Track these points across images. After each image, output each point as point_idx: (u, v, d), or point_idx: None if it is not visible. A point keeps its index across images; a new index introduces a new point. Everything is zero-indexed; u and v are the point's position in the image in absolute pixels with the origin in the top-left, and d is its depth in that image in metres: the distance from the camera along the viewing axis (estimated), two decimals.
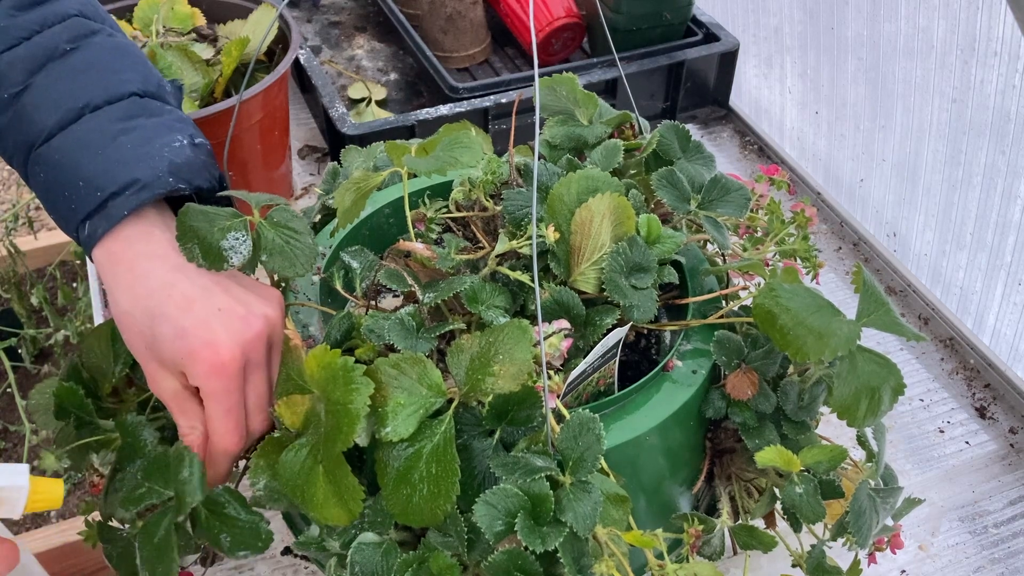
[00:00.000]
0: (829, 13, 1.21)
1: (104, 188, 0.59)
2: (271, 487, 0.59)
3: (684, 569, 0.55)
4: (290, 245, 0.62)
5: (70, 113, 0.61)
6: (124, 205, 0.58)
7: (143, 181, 0.59)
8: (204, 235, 0.59)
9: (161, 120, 0.63)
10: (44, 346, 0.92)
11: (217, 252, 0.59)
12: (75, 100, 0.61)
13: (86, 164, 0.59)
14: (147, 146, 0.61)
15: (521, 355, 0.54)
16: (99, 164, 0.59)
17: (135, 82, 0.64)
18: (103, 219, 0.59)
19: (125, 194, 0.59)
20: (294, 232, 0.63)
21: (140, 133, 0.61)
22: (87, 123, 0.61)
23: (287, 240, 0.62)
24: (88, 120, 0.61)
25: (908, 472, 0.92)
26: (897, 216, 1.17)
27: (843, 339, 0.57)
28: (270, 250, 0.61)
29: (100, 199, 0.59)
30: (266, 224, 0.62)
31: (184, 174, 0.61)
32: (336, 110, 1.20)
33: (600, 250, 0.64)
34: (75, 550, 0.74)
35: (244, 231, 0.61)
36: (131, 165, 0.59)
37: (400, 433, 0.53)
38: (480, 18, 1.43)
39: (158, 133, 0.62)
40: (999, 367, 1.01)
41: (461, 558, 0.55)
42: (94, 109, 0.61)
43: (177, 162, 0.61)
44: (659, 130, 0.73)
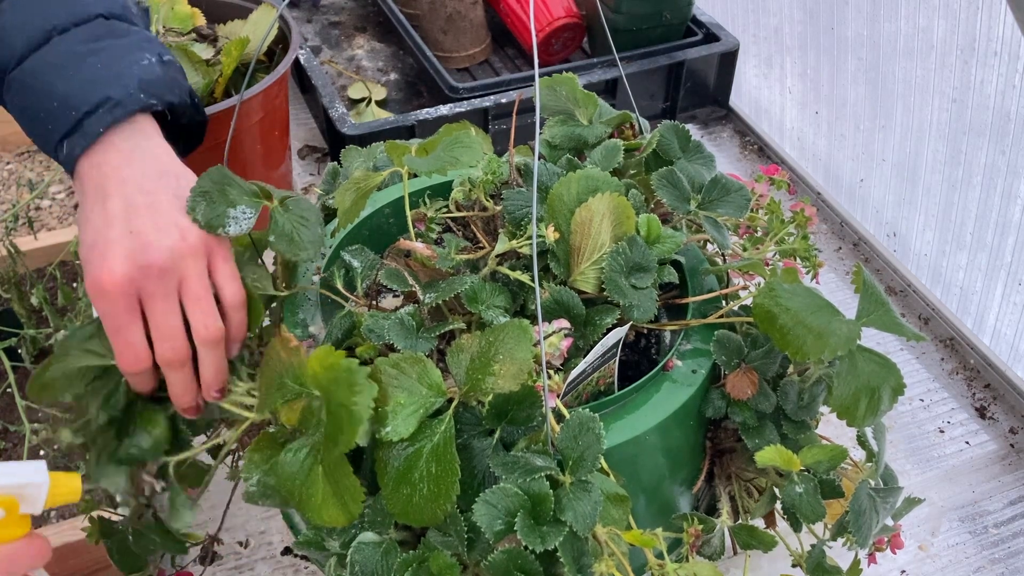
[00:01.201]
0: (829, 13, 1.21)
1: (78, 107, 0.60)
2: (265, 483, 0.59)
3: (684, 569, 0.55)
4: (299, 231, 0.63)
5: (38, 34, 0.62)
6: (99, 123, 0.60)
7: (115, 99, 0.60)
8: (215, 199, 0.60)
9: (128, 40, 0.65)
10: (44, 346, 0.91)
11: (221, 215, 0.59)
12: (43, 23, 0.62)
13: (59, 85, 0.61)
14: (117, 65, 0.62)
15: (521, 355, 0.54)
16: (71, 85, 0.61)
17: (101, 5, 0.65)
18: (80, 137, 0.60)
19: (99, 112, 0.60)
20: (305, 220, 0.63)
21: (109, 53, 0.63)
22: (56, 46, 0.62)
23: (296, 226, 0.63)
24: (57, 43, 0.62)
25: (908, 472, 0.92)
26: (897, 216, 1.17)
27: (843, 339, 0.57)
28: (279, 233, 0.62)
29: (75, 118, 0.60)
30: (280, 208, 0.63)
31: (155, 90, 0.63)
32: (336, 110, 1.20)
33: (600, 250, 0.64)
34: (75, 550, 0.74)
35: (255, 209, 0.61)
36: (103, 84, 0.61)
37: (400, 433, 0.53)
38: (480, 18, 1.43)
39: (127, 52, 0.63)
40: (999, 367, 1.01)
41: (461, 557, 0.55)
42: (61, 31, 0.62)
43: (147, 79, 0.63)
44: (659, 130, 0.73)
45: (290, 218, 0.63)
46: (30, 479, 0.50)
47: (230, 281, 0.60)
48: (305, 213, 0.64)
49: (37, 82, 0.62)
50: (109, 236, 0.58)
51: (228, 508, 0.78)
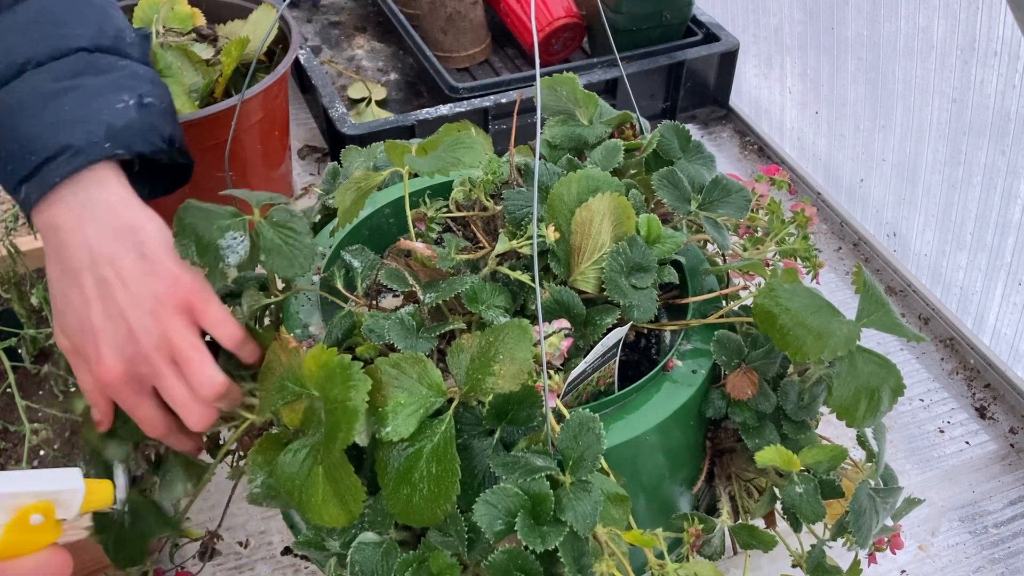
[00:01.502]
0: (829, 13, 1.21)
1: (38, 153, 0.57)
2: (268, 485, 0.59)
3: (684, 569, 0.55)
4: (289, 245, 0.62)
5: (11, 69, 0.59)
6: (56, 172, 0.57)
7: (76, 147, 0.57)
8: (201, 233, 0.59)
9: (109, 78, 0.61)
10: (44, 346, 0.91)
11: (214, 250, 0.59)
12: (17, 55, 0.59)
13: (22, 126, 0.58)
14: (86, 108, 0.58)
15: (521, 355, 0.54)
16: (34, 127, 0.57)
17: (85, 37, 0.61)
18: (36, 184, 0.57)
19: (58, 160, 0.57)
20: (294, 232, 0.62)
21: (82, 93, 0.59)
22: (28, 81, 0.59)
23: (286, 239, 0.62)
24: (30, 78, 0.59)
25: (908, 472, 0.92)
26: (897, 216, 1.17)
27: (843, 339, 0.57)
28: (269, 249, 0.61)
29: (34, 163, 0.57)
30: (265, 223, 0.62)
31: (123, 139, 0.59)
32: (336, 110, 1.20)
33: (600, 250, 0.64)
34: (75, 550, 0.74)
35: (243, 230, 0.60)
36: (66, 129, 0.57)
37: (400, 433, 0.53)
38: (480, 18, 1.43)
39: (102, 92, 0.60)
40: (999, 367, 1.01)
41: (461, 557, 0.55)
42: (37, 65, 0.59)
43: (117, 126, 0.59)
44: (659, 130, 0.73)
45: (278, 232, 0.62)
46: (67, 486, 0.51)
47: (219, 326, 0.59)
48: (292, 223, 0.62)
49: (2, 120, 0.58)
50: (94, 324, 0.57)
51: (228, 508, 0.78)
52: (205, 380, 0.58)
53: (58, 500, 0.51)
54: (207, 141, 0.95)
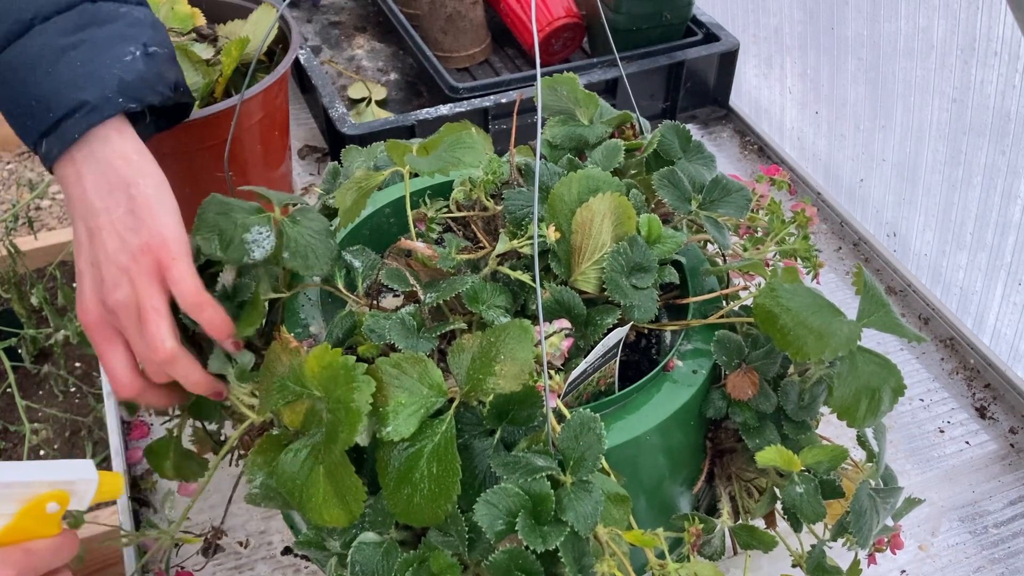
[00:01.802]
0: (829, 13, 1.21)
1: (55, 110, 0.60)
2: (267, 485, 0.59)
3: (685, 569, 0.55)
4: (312, 245, 0.63)
5: (18, 25, 0.61)
6: (75, 128, 0.60)
7: (92, 103, 0.60)
8: (224, 227, 0.60)
9: (113, 28, 0.63)
10: (44, 346, 0.91)
11: (239, 245, 0.60)
12: (23, 12, 0.61)
13: (36, 83, 0.60)
14: (96, 62, 0.61)
15: (522, 355, 0.54)
16: (49, 84, 0.60)
17: None
18: (56, 140, 0.60)
19: (75, 116, 0.60)
20: (317, 233, 0.63)
21: (90, 47, 0.61)
22: (36, 37, 0.61)
23: (310, 241, 0.63)
24: (37, 34, 0.61)
25: (908, 472, 0.92)
26: (897, 216, 1.17)
27: (843, 339, 0.57)
28: (292, 249, 0.62)
29: (52, 120, 0.60)
30: (288, 221, 0.63)
31: (134, 92, 0.62)
32: (336, 110, 1.20)
33: (601, 250, 0.64)
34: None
35: (269, 226, 0.61)
36: (80, 86, 0.60)
37: (401, 433, 0.53)
38: (480, 18, 1.43)
39: (109, 45, 0.62)
40: (999, 367, 1.01)
41: (462, 557, 0.55)
42: (44, 19, 0.61)
43: (127, 79, 0.62)
44: (660, 130, 0.73)
45: (302, 232, 0.63)
46: (82, 476, 0.53)
47: (177, 283, 0.60)
48: (315, 225, 0.64)
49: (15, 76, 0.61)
50: (81, 267, 0.61)
51: (228, 508, 0.78)
52: (156, 342, 0.60)
53: (73, 490, 0.53)
54: (207, 141, 0.95)
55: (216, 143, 0.95)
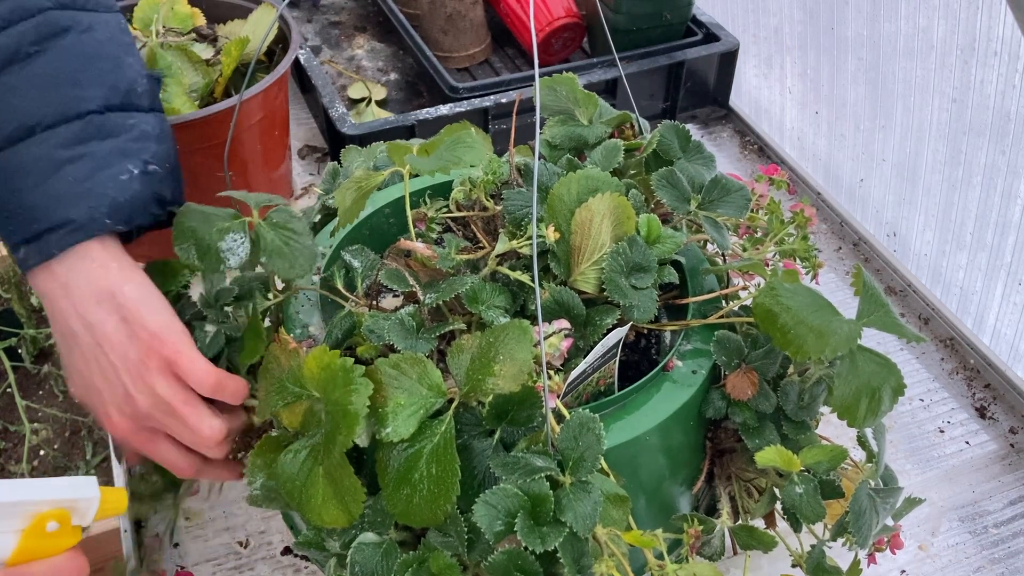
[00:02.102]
0: (829, 13, 1.21)
1: (40, 221, 0.59)
2: (268, 487, 0.59)
3: (684, 569, 0.55)
4: (289, 246, 0.62)
5: (20, 131, 0.60)
6: (56, 244, 0.59)
7: (78, 223, 0.59)
8: (201, 236, 0.59)
9: (116, 143, 0.62)
10: (44, 346, 0.92)
11: (214, 254, 0.59)
12: (28, 117, 0.60)
13: (26, 192, 0.59)
14: (91, 180, 0.60)
15: (521, 355, 0.54)
16: (38, 196, 0.59)
17: (97, 99, 0.62)
18: (35, 250, 0.59)
19: (59, 232, 0.59)
20: (293, 233, 0.63)
21: (87, 161, 0.60)
22: (36, 146, 0.60)
23: (286, 241, 0.62)
24: (38, 142, 0.60)
25: (908, 472, 0.92)
26: (897, 216, 1.17)
27: (843, 338, 0.57)
28: (269, 252, 0.61)
29: (35, 231, 0.59)
30: (265, 225, 0.62)
31: (124, 214, 0.61)
32: (336, 110, 1.20)
33: (600, 250, 0.64)
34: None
35: (243, 233, 0.60)
36: (69, 203, 0.59)
37: (400, 433, 0.53)
38: (480, 18, 1.43)
39: (108, 162, 0.61)
40: (999, 367, 1.01)
41: (461, 558, 0.55)
42: (47, 128, 0.60)
43: (120, 201, 0.60)
44: (659, 130, 0.73)
45: (279, 234, 0.62)
46: (83, 494, 0.53)
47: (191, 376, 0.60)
48: (292, 224, 0.63)
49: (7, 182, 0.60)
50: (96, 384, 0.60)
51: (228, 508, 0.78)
52: (204, 431, 0.60)
53: (75, 508, 0.53)
54: (207, 141, 0.95)
55: (216, 143, 0.95)
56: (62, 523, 0.52)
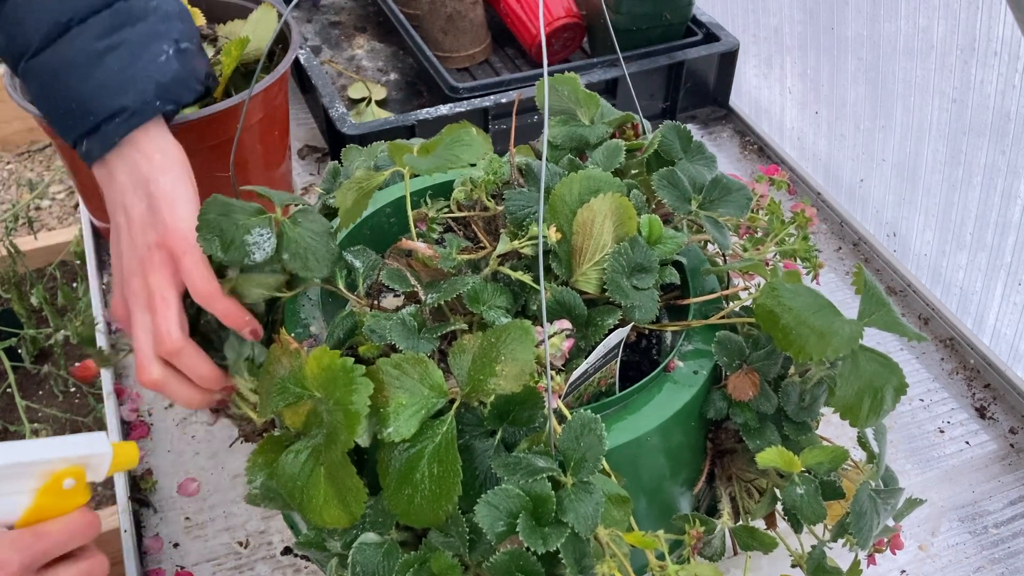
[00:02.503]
0: (829, 13, 1.21)
1: (96, 113, 0.62)
2: (267, 486, 0.59)
3: (685, 570, 0.55)
4: (311, 247, 0.63)
5: (56, 28, 0.63)
6: (115, 132, 0.63)
7: (131, 108, 0.63)
8: (225, 228, 0.60)
9: (146, 26, 0.65)
10: (44, 346, 0.92)
11: (239, 246, 0.60)
12: (60, 14, 0.63)
13: (76, 86, 0.63)
14: (133, 66, 0.64)
15: (523, 355, 0.54)
16: (88, 88, 0.63)
17: None
18: (97, 142, 0.63)
19: (115, 121, 0.62)
20: (315, 234, 0.64)
21: (125, 50, 0.64)
22: (74, 40, 0.63)
23: (310, 242, 0.63)
24: (75, 36, 0.63)
25: (908, 472, 0.92)
26: (897, 216, 1.17)
27: (845, 339, 0.57)
28: (292, 251, 0.62)
29: (92, 123, 0.62)
30: (289, 223, 0.63)
31: (171, 94, 0.65)
32: (336, 110, 1.20)
33: (602, 250, 0.64)
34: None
35: (269, 228, 0.61)
36: (119, 91, 0.63)
37: (402, 433, 0.53)
38: (480, 18, 1.43)
39: (144, 45, 0.65)
40: (999, 367, 1.01)
41: (463, 558, 0.55)
42: (80, 21, 0.63)
43: (164, 82, 0.65)
44: (661, 130, 0.73)
45: (302, 234, 0.63)
46: (95, 450, 0.54)
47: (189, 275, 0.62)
48: (315, 226, 0.64)
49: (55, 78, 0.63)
50: (113, 262, 0.65)
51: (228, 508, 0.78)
52: (163, 333, 0.61)
53: (88, 464, 0.54)
54: (207, 141, 0.95)
55: (216, 143, 0.95)
56: (77, 480, 0.53)
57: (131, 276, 0.62)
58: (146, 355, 0.62)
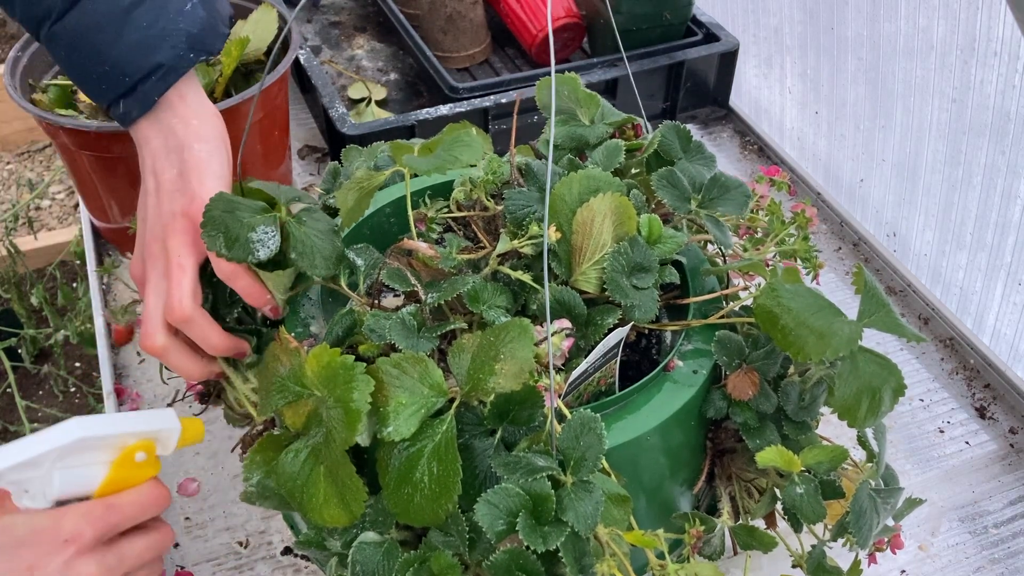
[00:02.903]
0: (829, 13, 1.21)
1: (131, 74, 0.61)
2: (264, 484, 0.59)
3: (685, 569, 0.55)
4: (317, 245, 0.63)
5: None
6: (153, 90, 0.62)
7: (167, 64, 0.62)
8: (230, 225, 0.60)
9: None
10: (44, 346, 0.92)
11: (244, 244, 0.60)
12: None
13: (106, 48, 0.61)
14: (163, 20, 0.63)
15: (522, 354, 0.54)
16: (120, 48, 0.61)
17: None
18: (135, 103, 0.62)
19: (152, 79, 0.62)
20: (320, 232, 0.64)
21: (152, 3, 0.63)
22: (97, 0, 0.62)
23: (316, 241, 0.63)
24: None
25: (908, 472, 0.92)
26: (897, 216, 1.17)
27: (844, 339, 0.57)
28: (299, 250, 0.62)
29: (129, 84, 0.62)
30: (295, 222, 0.63)
31: (203, 44, 0.64)
32: (336, 110, 1.20)
33: (601, 250, 0.64)
34: None
35: (274, 226, 0.61)
36: (152, 48, 0.62)
37: (402, 432, 0.53)
38: (480, 18, 1.43)
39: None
40: (999, 367, 1.01)
41: (462, 557, 0.55)
42: None
43: (194, 32, 0.64)
44: (660, 130, 0.73)
45: (308, 232, 0.63)
46: (166, 425, 0.57)
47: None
48: (320, 225, 0.64)
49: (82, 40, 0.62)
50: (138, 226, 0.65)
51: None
52: (174, 300, 0.61)
53: (158, 438, 0.57)
54: None
55: None
56: (148, 453, 0.56)
57: (152, 240, 0.62)
58: (154, 321, 0.62)
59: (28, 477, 0.52)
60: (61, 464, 0.53)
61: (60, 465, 0.53)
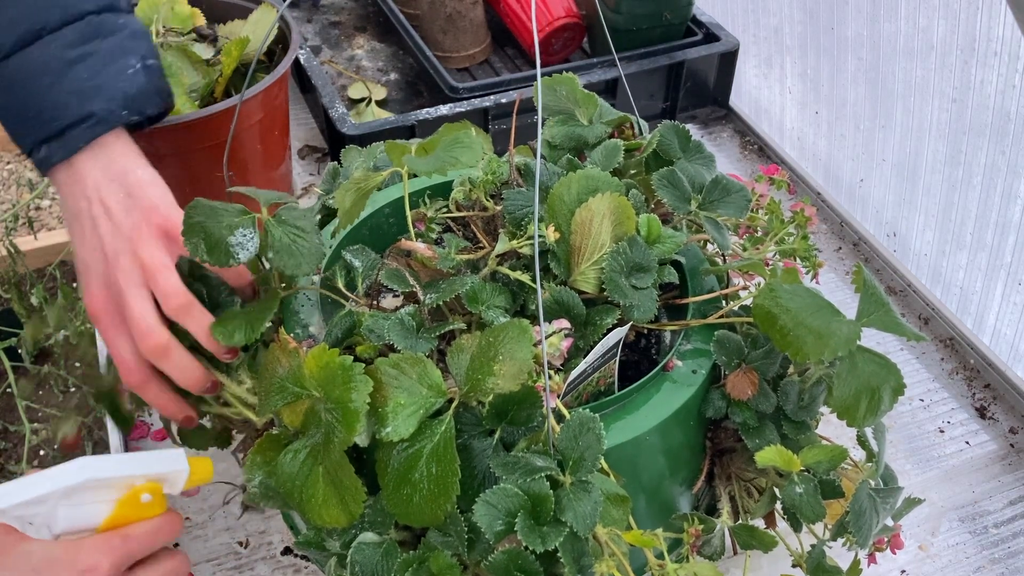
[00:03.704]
0: (829, 13, 1.21)
1: (61, 119, 0.62)
2: (266, 484, 0.59)
3: (684, 569, 0.55)
4: (297, 244, 0.62)
5: (28, 35, 0.63)
6: (80, 137, 0.62)
7: (98, 115, 0.63)
8: (211, 230, 0.59)
9: (116, 40, 0.66)
10: (44, 346, 0.91)
11: (224, 248, 0.59)
12: (33, 23, 0.63)
13: (43, 92, 0.63)
14: (102, 75, 0.64)
15: (521, 355, 0.54)
16: (55, 95, 0.63)
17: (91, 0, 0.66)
18: (59, 147, 0.63)
19: (81, 127, 0.62)
20: (301, 231, 0.63)
21: (95, 59, 0.64)
22: (44, 48, 0.63)
23: (294, 239, 0.62)
24: (46, 44, 0.63)
25: (908, 472, 0.92)
26: (897, 216, 1.17)
27: (843, 339, 0.57)
28: (277, 248, 0.62)
29: (57, 128, 0.62)
30: (274, 221, 0.62)
31: (137, 105, 0.65)
32: (336, 110, 1.20)
33: (600, 250, 0.64)
34: None
35: (252, 228, 0.61)
36: (86, 98, 0.63)
37: (400, 433, 0.53)
38: (480, 18, 1.43)
39: (113, 58, 0.65)
40: (999, 367, 1.01)
41: (461, 558, 0.55)
42: (52, 30, 0.63)
43: (131, 93, 0.65)
44: (659, 130, 0.73)
45: (286, 231, 0.62)
46: (174, 467, 0.58)
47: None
48: (300, 223, 0.63)
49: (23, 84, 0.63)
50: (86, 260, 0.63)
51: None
52: (171, 290, 0.61)
53: (166, 480, 0.57)
54: (207, 141, 0.95)
55: (216, 143, 0.95)
56: (154, 495, 0.56)
57: (117, 257, 0.61)
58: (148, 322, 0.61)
59: (33, 512, 0.53)
60: (67, 501, 0.54)
61: (65, 502, 0.54)
